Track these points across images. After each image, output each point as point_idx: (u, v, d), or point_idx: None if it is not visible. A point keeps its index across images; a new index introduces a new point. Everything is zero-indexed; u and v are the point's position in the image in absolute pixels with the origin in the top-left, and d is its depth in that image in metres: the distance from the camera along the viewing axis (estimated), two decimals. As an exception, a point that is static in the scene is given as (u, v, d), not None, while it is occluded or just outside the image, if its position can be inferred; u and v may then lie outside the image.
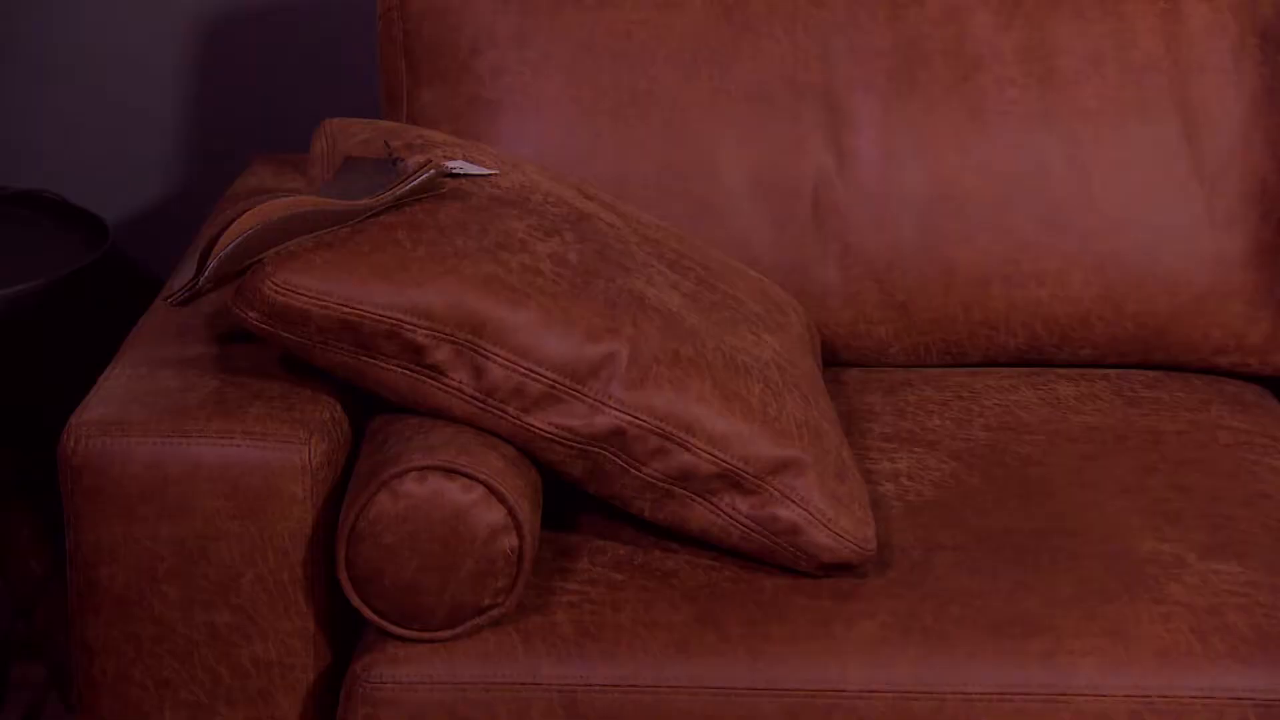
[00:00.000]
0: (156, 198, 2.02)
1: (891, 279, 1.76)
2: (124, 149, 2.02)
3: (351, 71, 2.01)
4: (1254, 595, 1.33)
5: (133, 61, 2.01)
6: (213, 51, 2.02)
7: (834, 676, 1.26)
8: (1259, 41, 1.77)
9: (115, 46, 2.01)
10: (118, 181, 2.00)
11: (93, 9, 1.98)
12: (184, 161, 2.02)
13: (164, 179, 2.01)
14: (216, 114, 2.03)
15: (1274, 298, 1.78)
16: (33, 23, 1.99)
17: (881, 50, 1.76)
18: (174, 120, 2.02)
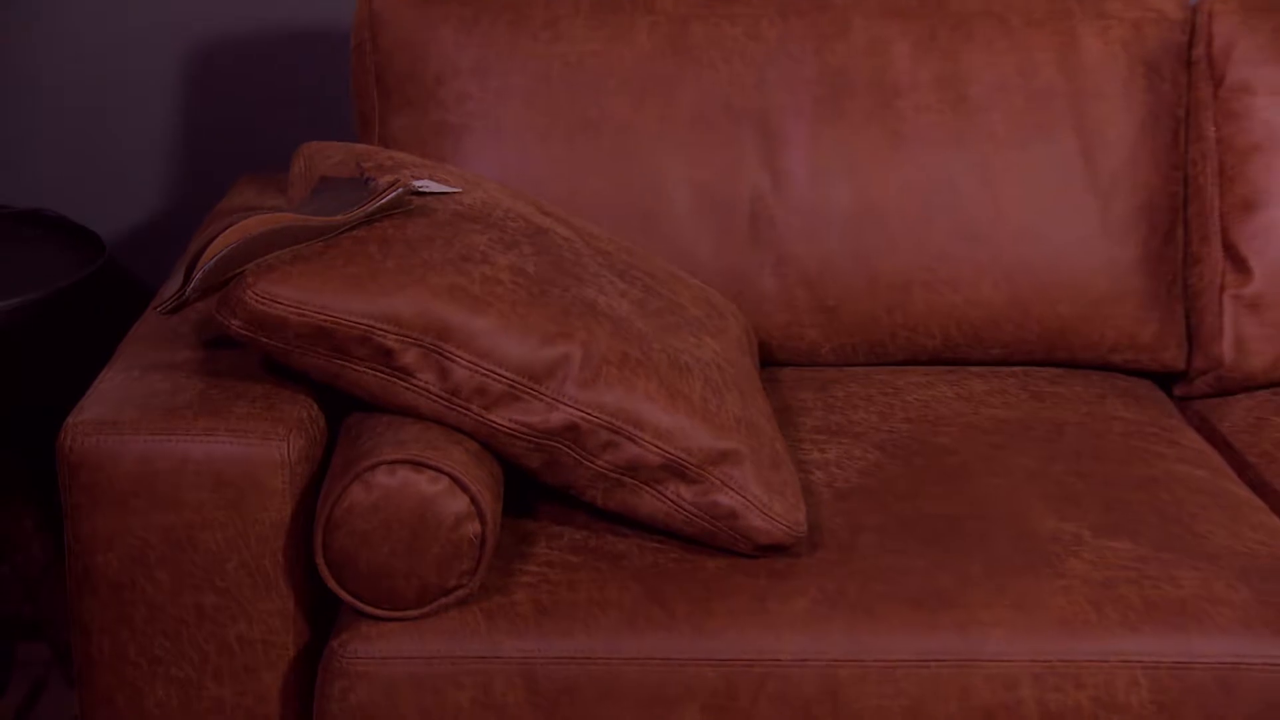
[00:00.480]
0: (150, 214, 2.00)
1: (822, 286, 1.75)
2: (120, 170, 2.00)
3: (329, 99, 2.00)
4: (1143, 569, 1.34)
5: (129, 89, 1.98)
6: (203, 80, 2.00)
7: (769, 647, 1.26)
8: (1145, 71, 1.78)
9: (113, 75, 1.98)
10: (114, 200, 1.98)
11: (91, 41, 1.97)
12: (175, 181, 2.01)
13: (157, 197, 2.00)
14: (206, 137, 2.01)
15: (1161, 301, 1.80)
16: (36, 54, 1.97)
17: (811, 79, 1.76)
18: (166, 143, 2.00)
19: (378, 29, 1.75)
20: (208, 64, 1.98)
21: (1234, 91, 1.78)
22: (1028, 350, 1.80)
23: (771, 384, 1.71)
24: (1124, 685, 1.27)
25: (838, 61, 1.75)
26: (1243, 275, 1.76)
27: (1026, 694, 1.27)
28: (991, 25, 1.77)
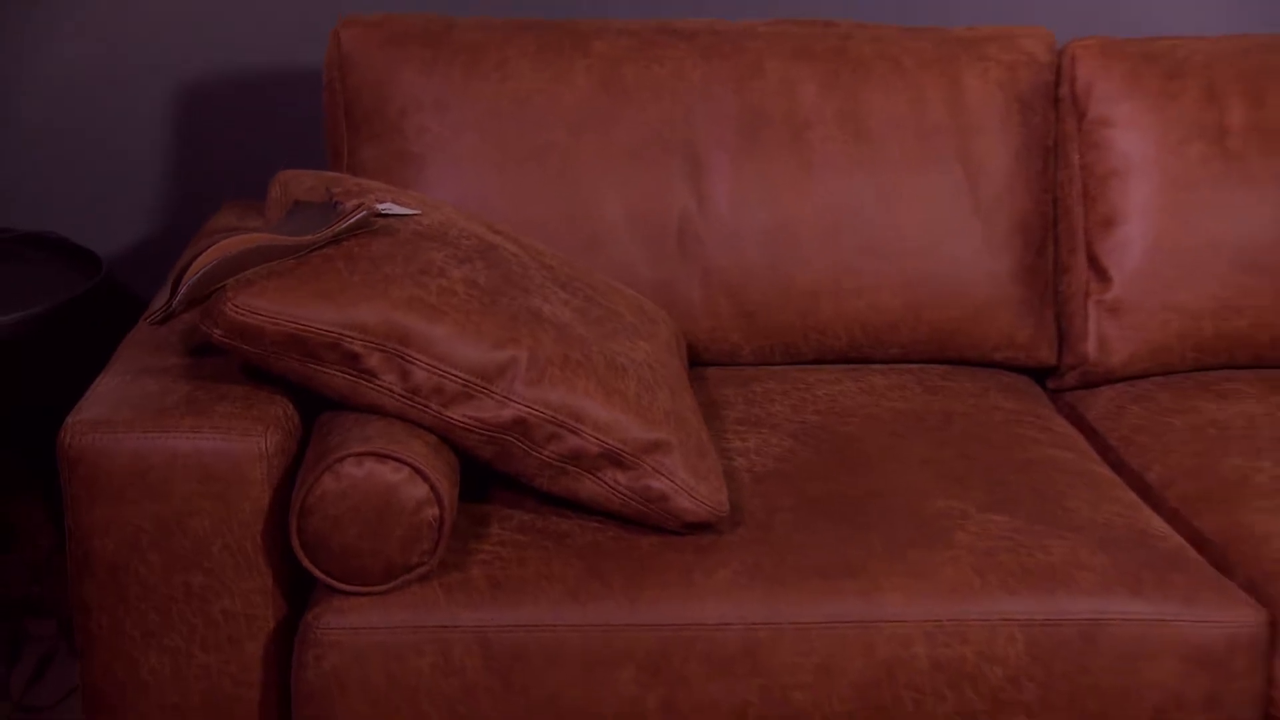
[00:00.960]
0: (143, 235, 1.99)
1: (742, 295, 1.75)
2: (116, 196, 1.98)
3: (303, 131, 1.98)
4: (1020, 540, 1.36)
5: (124, 123, 1.96)
6: (191, 114, 1.98)
7: (696, 613, 1.27)
8: (1019, 107, 1.79)
9: (110, 111, 1.96)
10: (110, 222, 1.96)
11: (91, 80, 1.95)
12: (166, 205, 1.99)
13: (149, 220, 1.98)
14: (194, 166, 1.99)
15: (1035, 307, 1.81)
16: (40, 92, 1.95)
17: (731, 114, 1.76)
18: (158, 171, 1.98)
19: (346, 69, 1.74)
20: (195, 100, 1.96)
21: (1094, 124, 1.79)
22: (922, 350, 1.80)
23: (698, 382, 1.70)
24: (1003, 640, 1.28)
25: (754, 99, 1.75)
26: (1104, 283, 1.78)
27: (920, 650, 1.27)
28: (887, 67, 1.78)
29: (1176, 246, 1.75)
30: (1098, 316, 1.78)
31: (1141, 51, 1.81)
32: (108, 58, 1.92)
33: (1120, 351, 1.77)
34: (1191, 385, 1.74)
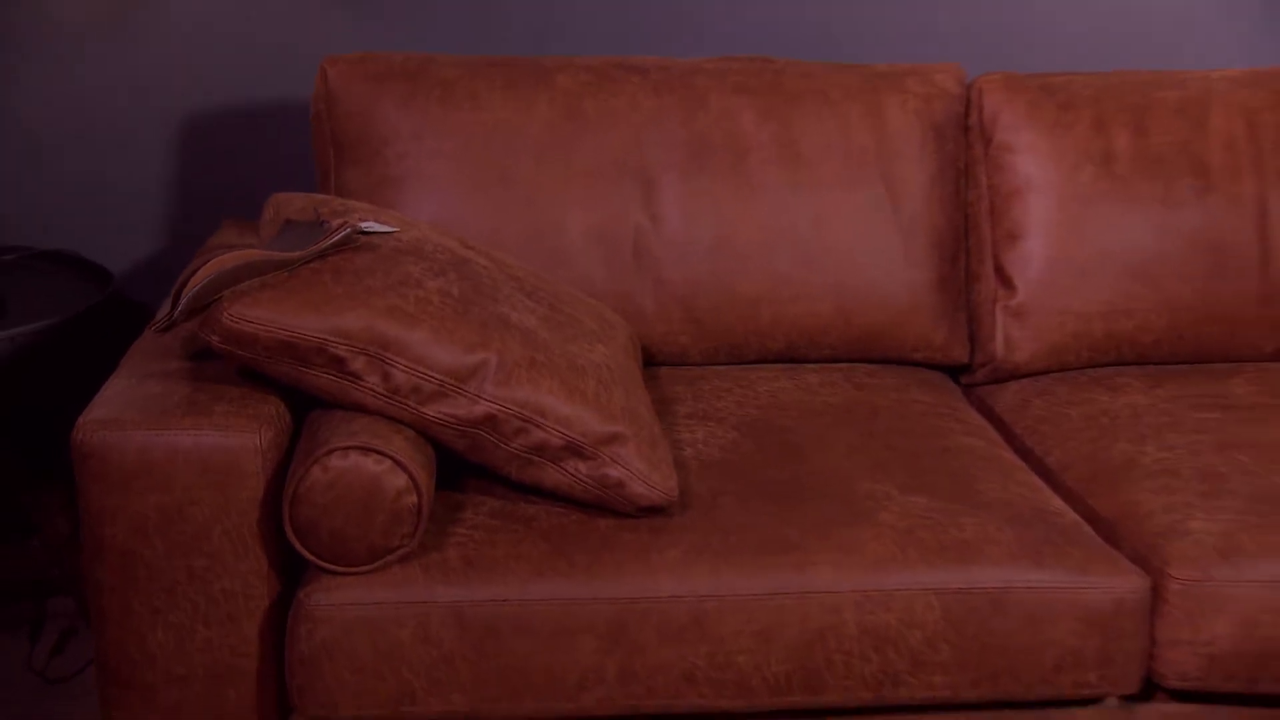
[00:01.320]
0: (149, 252, 1.97)
1: (691, 303, 1.75)
2: (125, 216, 1.96)
3: (295, 157, 1.96)
4: (937, 518, 1.37)
5: (133, 150, 1.95)
6: (194, 142, 1.96)
7: (649, 587, 1.27)
8: (934, 135, 1.80)
9: (120, 139, 1.95)
10: (120, 240, 1.94)
11: (102, 111, 1.94)
12: (170, 225, 1.97)
13: (155, 237, 1.96)
14: (196, 189, 1.98)
15: (950, 312, 1.81)
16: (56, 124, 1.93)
17: (679, 141, 1.75)
18: (163, 194, 1.96)
19: (333, 102, 1.72)
20: (197, 129, 1.94)
21: (999, 150, 1.80)
22: (850, 350, 1.80)
23: (652, 380, 1.70)
24: (921, 607, 1.29)
25: (700, 128, 1.75)
26: (1009, 291, 1.79)
27: (849, 617, 1.28)
28: (817, 99, 1.78)
29: (1071, 258, 1.76)
30: (1004, 320, 1.79)
31: (1039, 85, 1.82)
32: (118, 93, 1.90)
33: (1024, 351, 1.78)
34: (1086, 380, 1.75)
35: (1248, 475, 1.44)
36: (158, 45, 1.89)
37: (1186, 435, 1.54)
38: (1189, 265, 1.77)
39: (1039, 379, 1.78)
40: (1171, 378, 1.74)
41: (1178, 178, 1.76)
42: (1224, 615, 1.31)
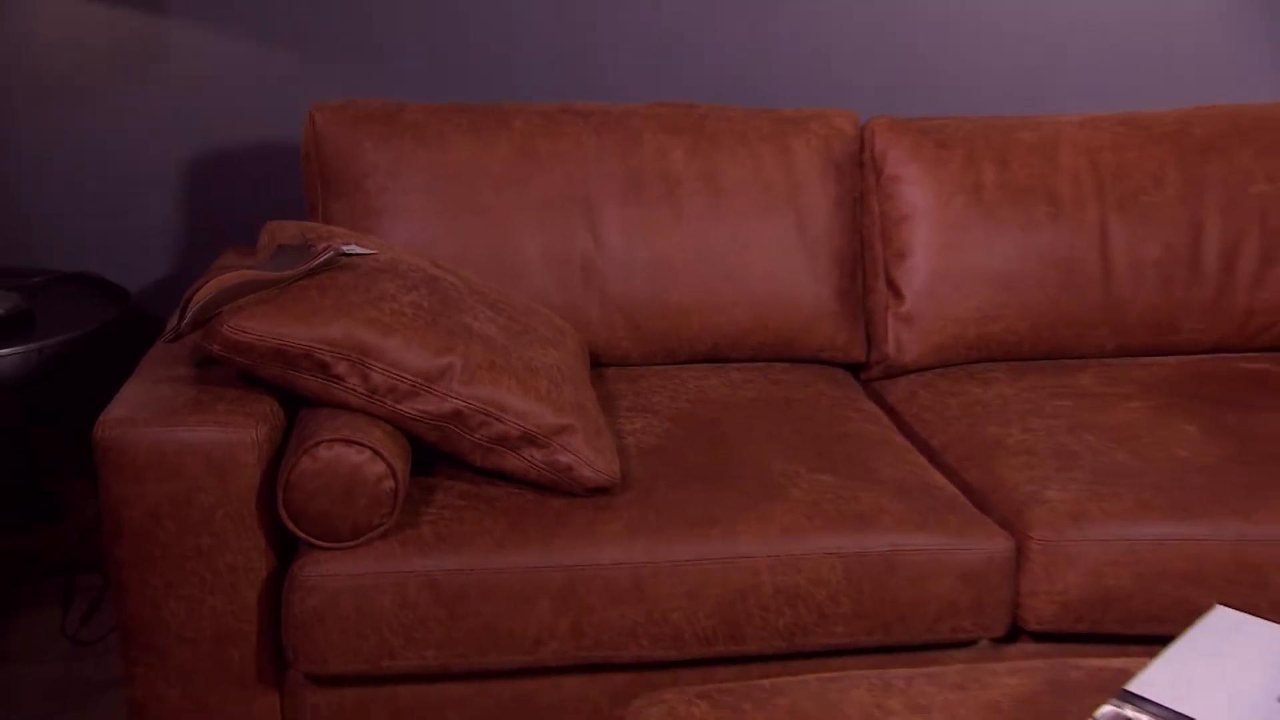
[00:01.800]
0: (162, 274, 1.95)
1: (631, 313, 1.75)
2: (141, 242, 1.93)
3: (287, 191, 1.95)
4: (838, 492, 1.38)
5: (149, 185, 1.92)
6: (200, 178, 1.94)
7: (596, 556, 1.28)
8: (834, 169, 1.81)
9: (139, 174, 1.92)
10: (136, 263, 1.92)
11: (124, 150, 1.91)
12: (180, 249, 1.95)
13: (167, 261, 1.94)
14: (202, 219, 1.95)
15: (850, 319, 1.82)
16: (82, 161, 1.90)
17: (618, 175, 1.75)
18: (174, 223, 1.94)
19: (320, 143, 1.71)
20: (204, 166, 1.92)
21: (888, 181, 1.81)
22: (767, 352, 1.80)
23: (598, 379, 1.71)
24: (826, 569, 1.30)
25: (635, 163, 1.75)
26: (899, 300, 1.80)
27: (765, 579, 1.29)
28: (735, 139, 1.78)
29: (949, 272, 1.78)
30: (895, 325, 1.80)
31: (919, 127, 1.83)
32: (134, 136, 1.88)
33: (911, 351, 1.79)
34: (962, 375, 1.76)
35: (1094, 453, 1.47)
36: (168, 96, 1.87)
37: (1044, 420, 1.56)
38: (1044, 278, 1.78)
39: (924, 374, 1.80)
40: (1032, 372, 1.75)
41: (1034, 205, 1.78)
42: (1074, 569, 1.33)
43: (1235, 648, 0.97)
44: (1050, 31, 2.02)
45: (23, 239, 1.88)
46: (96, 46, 1.83)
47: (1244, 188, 1.82)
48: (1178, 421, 1.55)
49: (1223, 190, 1.81)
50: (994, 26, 2.00)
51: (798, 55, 1.99)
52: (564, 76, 1.96)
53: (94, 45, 1.83)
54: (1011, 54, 2.02)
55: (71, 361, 1.56)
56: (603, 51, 1.95)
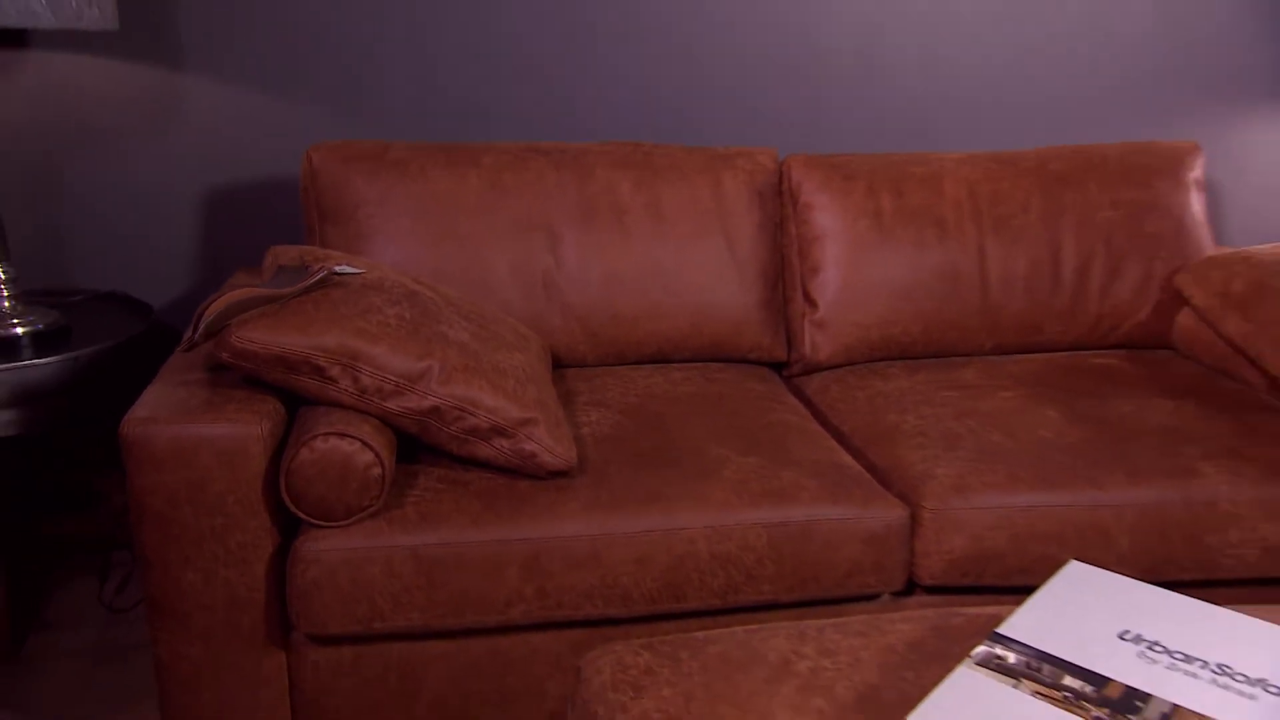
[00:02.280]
0: (181, 292, 1.92)
1: (587, 322, 1.74)
2: (162, 265, 1.91)
3: (289, 219, 1.93)
4: (763, 472, 1.38)
5: (168, 216, 1.89)
6: (214, 209, 1.91)
7: (557, 530, 1.28)
8: (758, 198, 1.81)
9: (160, 207, 1.89)
10: (158, 283, 1.89)
11: (148, 186, 1.87)
12: (196, 271, 1.92)
13: (185, 281, 1.91)
14: (216, 244, 1.93)
15: (773, 325, 1.82)
16: (115, 198, 1.87)
17: (574, 204, 1.75)
18: (191, 248, 1.91)
19: (316, 177, 1.70)
20: (216, 199, 1.90)
21: (804, 209, 1.82)
22: (704, 353, 1.81)
23: (558, 379, 1.70)
24: (753, 537, 1.31)
25: (590, 193, 1.75)
26: (814, 308, 1.80)
27: (701, 547, 1.30)
28: (675, 173, 1.79)
29: (855, 285, 1.79)
30: (810, 330, 1.81)
31: (829, 163, 1.84)
32: (157, 174, 1.86)
33: (824, 351, 1.81)
34: (867, 372, 1.78)
35: (975, 435, 1.48)
36: (185, 140, 1.85)
37: (934, 408, 1.58)
38: (933, 289, 1.79)
39: (835, 371, 1.81)
40: (924, 368, 1.77)
41: (924, 228, 1.80)
42: (959, 533, 1.35)
43: (1086, 595, 0.99)
44: (935, 84, 2.04)
45: (61, 264, 1.85)
46: (124, 99, 1.81)
47: (1093, 213, 1.85)
48: (1043, 408, 1.57)
49: (1076, 215, 1.84)
50: (889, 79, 2.03)
51: (727, 101, 2.00)
52: (527, 119, 1.95)
53: (122, 98, 1.81)
54: (904, 102, 2.05)
55: (103, 369, 1.54)
56: (560, 98, 1.95)
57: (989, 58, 2.04)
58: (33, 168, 1.81)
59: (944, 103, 2.06)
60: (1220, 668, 0.89)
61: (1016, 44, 2.04)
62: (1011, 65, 2.05)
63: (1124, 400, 1.61)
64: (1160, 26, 2.05)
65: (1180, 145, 1.93)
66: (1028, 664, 0.89)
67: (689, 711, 0.92)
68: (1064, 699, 0.84)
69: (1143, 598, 0.99)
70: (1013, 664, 0.88)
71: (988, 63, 2.04)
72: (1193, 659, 0.90)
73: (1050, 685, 0.86)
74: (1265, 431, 1.50)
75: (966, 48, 2.02)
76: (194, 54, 1.82)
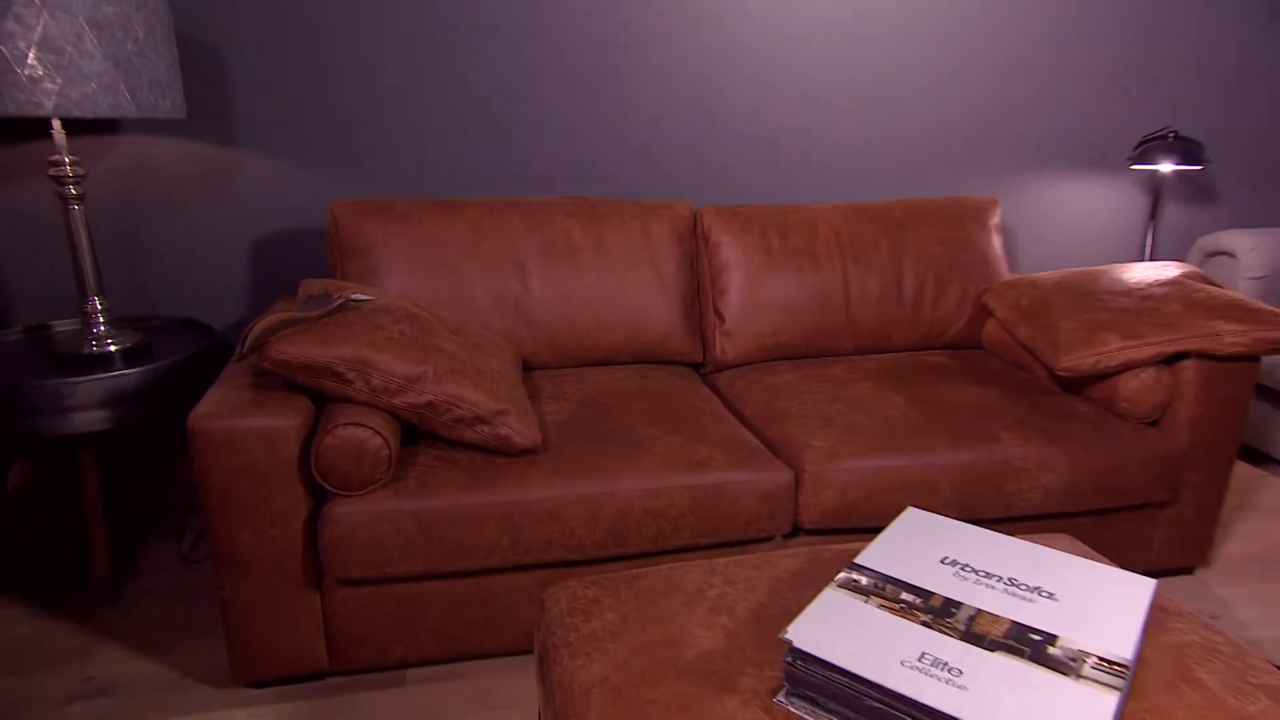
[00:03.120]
0: (236, 317, 1.87)
1: (550, 334, 1.72)
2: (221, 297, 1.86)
3: (317, 258, 1.89)
4: (685, 447, 1.38)
5: (224, 259, 1.85)
6: (259, 252, 1.87)
7: (526, 495, 1.27)
8: (678, 238, 1.80)
9: (217, 252, 1.84)
10: (218, 310, 1.85)
11: (211, 237, 1.83)
12: (247, 300, 1.87)
13: (239, 308, 1.87)
14: (261, 279, 1.88)
15: (692, 334, 1.81)
16: (182, 249, 1.81)
17: (538, 244, 1.73)
18: (242, 283, 1.87)
19: (337, 226, 1.67)
20: (262, 245, 1.85)
21: (713, 246, 1.82)
22: (639, 357, 1.79)
23: (527, 378, 1.69)
24: (677, 496, 1.31)
25: (549, 235, 1.73)
26: (722, 321, 1.79)
27: (637, 505, 1.30)
28: (615, 219, 1.78)
29: (753, 303, 1.79)
30: (719, 338, 1.80)
31: (731, 211, 1.83)
32: (215, 226, 1.82)
33: (730, 354, 1.80)
34: (763, 369, 1.77)
35: (842, 415, 1.49)
36: (237, 199, 1.81)
37: (812, 396, 1.58)
38: (810, 306, 1.80)
39: (739, 369, 1.80)
40: (804, 366, 1.77)
41: (803, 260, 1.80)
42: (830, 489, 1.36)
43: (919, 532, 1.01)
44: (810, 153, 2.07)
45: (145, 297, 1.81)
46: (191, 170, 1.77)
47: (924, 249, 1.88)
48: (890, 394, 1.59)
49: (912, 251, 1.87)
50: (776, 150, 2.04)
51: (655, 166, 2.00)
52: (500, 180, 1.94)
53: (189, 169, 1.77)
54: (787, 166, 2.06)
55: (175, 377, 1.51)
56: (525, 165, 1.94)
57: (851, 134, 2.07)
58: (122, 223, 1.77)
59: (817, 167, 2.09)
60: (1010, 580, 0.92)
61: (871, 125, 2.08)
62: (868, 140, 2.09)
63: (948, 387, 1.63)
64: (969, 115, 2.12)
65: (984, 199, 1.98)
66: (876, 585, 0.90)
67: (625, 630, 0.93)
68: (901, 609, 0.86)
69: (959, 533, 1.01)
70: (865, 585, 0.90)
71: (850, 138, 2.08)
72: (991, 575, 0.92)
73: (891, 600, 0.88)
74: (1045, 409, 1.55)
75: (834, 127, 2.06)
76: (244, 135, 1.79)
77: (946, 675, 0.78)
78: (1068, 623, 0.85)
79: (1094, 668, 0.80)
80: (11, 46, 1.14)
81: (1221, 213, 2.29)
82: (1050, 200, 2.20)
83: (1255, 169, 2.27)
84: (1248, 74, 2.19)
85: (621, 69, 1.90)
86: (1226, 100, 2.20)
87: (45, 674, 1.32)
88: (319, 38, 1.77)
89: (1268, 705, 0.83)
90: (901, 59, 2.03)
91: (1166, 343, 1.48)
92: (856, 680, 0.78)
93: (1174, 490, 1.50)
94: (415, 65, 1.82)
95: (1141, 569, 1.57)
